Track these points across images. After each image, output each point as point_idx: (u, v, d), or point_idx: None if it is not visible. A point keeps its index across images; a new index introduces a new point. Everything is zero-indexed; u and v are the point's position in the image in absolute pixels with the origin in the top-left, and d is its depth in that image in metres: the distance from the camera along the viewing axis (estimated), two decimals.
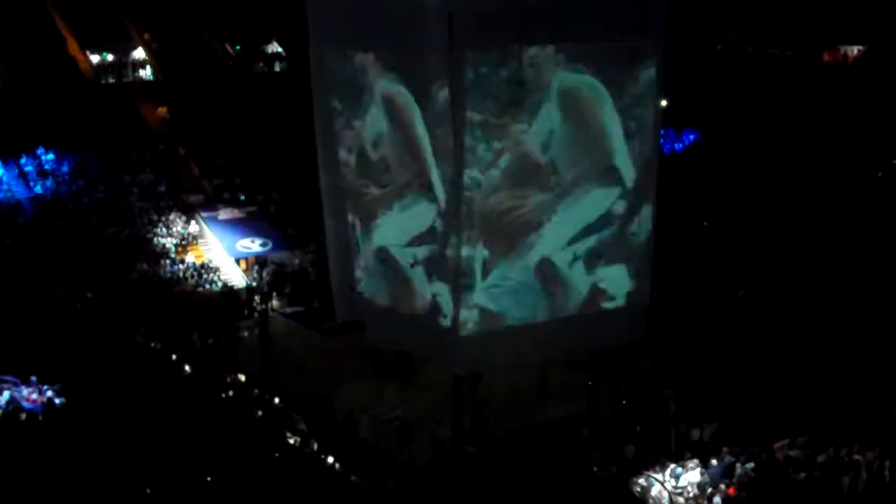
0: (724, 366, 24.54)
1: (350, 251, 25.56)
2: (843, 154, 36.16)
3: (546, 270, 23.74)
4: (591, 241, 23.97)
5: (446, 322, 23.39)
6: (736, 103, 38.77)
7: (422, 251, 23.73)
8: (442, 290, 23.35)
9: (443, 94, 21.91)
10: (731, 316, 27.28)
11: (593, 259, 24.12)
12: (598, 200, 23.88)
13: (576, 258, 23.96)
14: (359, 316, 25.55)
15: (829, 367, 23.99)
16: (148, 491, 17.04)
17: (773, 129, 37.20)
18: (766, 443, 20.95)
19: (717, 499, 19.57)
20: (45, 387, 22.46)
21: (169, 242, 34.11)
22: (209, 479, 18.18)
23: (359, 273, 25.40)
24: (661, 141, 31.60)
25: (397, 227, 24.15)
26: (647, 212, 24.43)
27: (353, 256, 25.46)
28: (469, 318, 23.12)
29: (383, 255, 24.68)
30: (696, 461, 20.77)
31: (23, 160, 36.99)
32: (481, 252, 22.85)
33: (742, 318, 27.12)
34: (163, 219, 35.31)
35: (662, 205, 25.06)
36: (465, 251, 22.67)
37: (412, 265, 23.96)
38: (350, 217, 25.26)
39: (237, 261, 33.82)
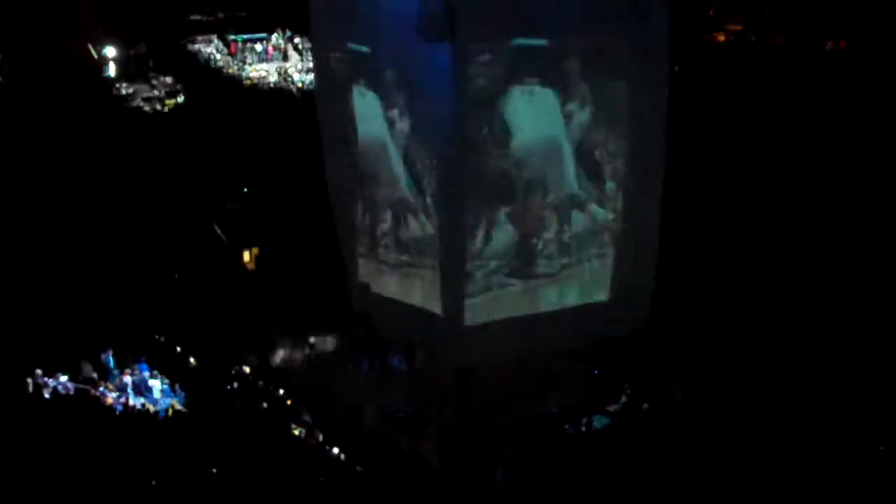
0: (731, 357, 24.49)
1: (358, 242, 25.65)
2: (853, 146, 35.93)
3: (549, 259, 23.78)
4: (595, 229, 24.02)
5: (448, 313, 23.41)
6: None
7: (425, 242, 23.77)
8: (443, 281, 23.37)
9: (447, 88, 21.92)
10: (738, 305, 27.15)
11: (597, 247, 24.14)
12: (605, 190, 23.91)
13: (579, 247, 24.00)
14: (366, 307, 25.64)
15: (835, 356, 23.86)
16: (153, 483, 17.05)
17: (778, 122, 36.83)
18: None
19: None
20: None
21: None
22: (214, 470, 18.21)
23: (365, 264, 25.46)
24: None
25: (402, 218, 24.21)
26: (652, 201, 24.41)
27: (362, 247, 25.54)
28: (470, 309, 23.14)
29: (388, 246, 24.76)
30: None
31: None
32: (483, 242, 22.88)
33: (749, 308, 27.00)
34: None
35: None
36: (466, 241, 22.71)
37: (414, 256, 24.03)
38: (357, 209, 25.33)
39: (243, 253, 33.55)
